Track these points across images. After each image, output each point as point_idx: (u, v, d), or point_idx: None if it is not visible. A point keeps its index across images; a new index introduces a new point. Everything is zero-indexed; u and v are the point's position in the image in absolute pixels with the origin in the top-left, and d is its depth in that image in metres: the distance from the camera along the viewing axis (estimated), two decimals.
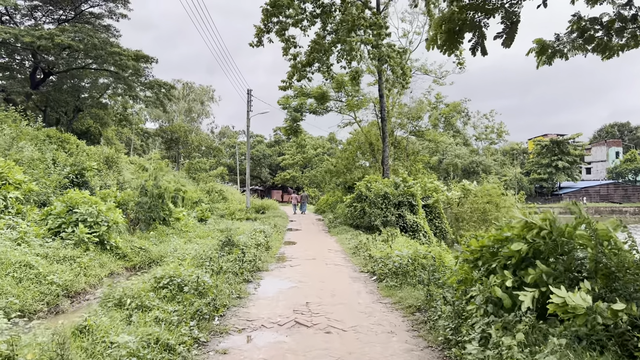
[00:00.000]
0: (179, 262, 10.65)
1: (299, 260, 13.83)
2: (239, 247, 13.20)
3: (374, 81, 37.81)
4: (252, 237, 16.07)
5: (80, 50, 41.36)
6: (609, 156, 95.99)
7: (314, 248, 16.82)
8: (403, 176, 22.44)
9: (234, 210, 29.35)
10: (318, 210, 42.90)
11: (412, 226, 21.12)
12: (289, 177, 69.74)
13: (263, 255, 13.78)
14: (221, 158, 78.43)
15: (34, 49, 38.70)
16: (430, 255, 10.95)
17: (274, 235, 19.30)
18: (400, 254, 11.21)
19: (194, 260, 11.13)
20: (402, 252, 11.37)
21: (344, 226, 23.67)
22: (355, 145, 35.08)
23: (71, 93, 48.63)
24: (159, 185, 15.93)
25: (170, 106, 78.90)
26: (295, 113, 39.37)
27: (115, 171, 25.82)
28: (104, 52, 40.97)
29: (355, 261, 13.61)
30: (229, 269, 10.43)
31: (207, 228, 19.66)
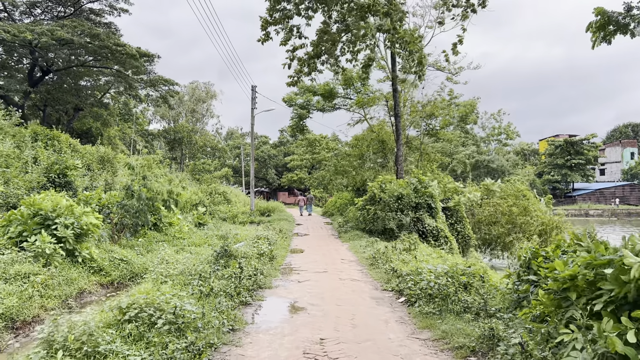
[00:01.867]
0: (161, 281, 8.64)
1: (308, 274, 11.78)
2: (237, 258, 11.17)
3: (384, 77, 35.81)
4: (254, 245, 14.05)
5: (80, 45, 39.71)
6: (624, 157, 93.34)
7: (325, 257, 14.77)
8: (420, 176, 20.35)
9: (237, 213, 27.37)
10: (326, 213, 40.83)
11: (432, 231, 19.03)
12: (296, 178, 67.74)
13: (266, 268, 11.75)
14: (226, 159, 76.62)
15: (32, 46, 37.10)
16: (470, 271, 8.88)
17: (279, 241, 17.26)
18: (434, 269, 9.14)
19: (180, 277, 9.11)
20: (435, 266, 9.30)
21: (356, 231, 21.59)
22: (364, 144, 32.94)
23: (71, 92, 47.10)
24: (149, 187, 13.95)
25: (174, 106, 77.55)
26: (301, 110, 37.39)
27: (110, 172, 23.93)
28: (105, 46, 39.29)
29: (375, 275, 11.54)
30: (223, 289, 8.40)
31: (204, 234, 17.67)
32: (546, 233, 22.29)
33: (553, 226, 22.40)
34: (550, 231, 22.34)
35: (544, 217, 22.68)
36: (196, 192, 30.91)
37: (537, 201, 23.13)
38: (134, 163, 14.36)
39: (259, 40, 21.60)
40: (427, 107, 31.65)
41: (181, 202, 15.71)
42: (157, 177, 16.70)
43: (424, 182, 19.69)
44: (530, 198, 23.83)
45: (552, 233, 22.38)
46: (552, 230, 22.36)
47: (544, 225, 22.20)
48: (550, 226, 22.30)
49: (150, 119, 77.44)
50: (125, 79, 47.78)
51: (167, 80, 52.02)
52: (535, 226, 21.67)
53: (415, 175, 20.69)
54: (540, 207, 22.58)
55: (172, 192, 14.63)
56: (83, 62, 46.82)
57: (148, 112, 76.49)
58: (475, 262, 10.32)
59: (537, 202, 23.07)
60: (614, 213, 69.44)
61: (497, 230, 21.16)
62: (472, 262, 9.41)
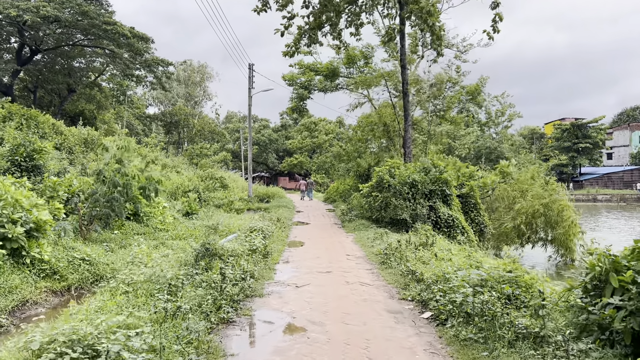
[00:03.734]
0: (121, 291, 6.76)
1: (308, 275, 9.87)
2: (223, 258, 9.26)
3: (388, 56, 33.62)
4: (247, 239, 12.14)
5: (69, 23, 37.63)
6: (632, 140, 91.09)
7: (328, 252, 12.85)
8: (434, 160, 18.37)
9: (233, 200, 25.44)
10: (327, 199, 38.90)
11: (447, 221, 17.11)
12: (296, 162, 65.66)
13: (258, 268, 9.84)
14: (225, 143, 74.52)
15: (20, 24, 35.06)
16: (513, 278, 6.97)
17: (275, 233, 15.34)
18: (466, 276, 7.21)
19: (145, 286, 7.22)
20: (467, 272, 7.37)
21: (361, 220, 19.68)
22: (368, 127, 30.83)
23: (63, 72, 45.13)
24: (125, 172, 11.99)
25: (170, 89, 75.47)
26: (302, 90, 35.21)
27: (95, 155, 22.01)
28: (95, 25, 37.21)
29: (388, 277, 9.62)
30: (198, 304, 6.51)
31: (192, 224, 15.74)
32: (561, 222, 20.15)
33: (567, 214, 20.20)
34: (564, 221, 20.11)
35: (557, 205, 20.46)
36: (190, 177, 29.00)
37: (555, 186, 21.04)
38: (109, 144, 12.35)
39: (255, 10, 19.48)
40: (435, 86, 29.49)
41: (163, 190, 13.78)
42: (132, 158, 14.74)
43: (439, 167, 17.70)
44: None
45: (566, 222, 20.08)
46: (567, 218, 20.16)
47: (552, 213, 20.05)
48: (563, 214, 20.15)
49: (149, 103, 75.44)
50: (121, 59, 45.80)
51: (163, 61, 50.01)
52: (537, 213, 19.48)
53: (430, 159, 18.70)
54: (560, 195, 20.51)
55: (151, 178, 12.66)
56: (74, 41, 44.76)
57: (146, 96, 74.52)
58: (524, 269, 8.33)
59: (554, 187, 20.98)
60: (622, 198, 67.50)
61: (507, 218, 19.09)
62: (514, 266, 7.50)
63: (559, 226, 18.95)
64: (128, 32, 42.42)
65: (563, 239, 18.92)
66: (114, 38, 42.04)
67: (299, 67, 35.01)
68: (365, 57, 34.17)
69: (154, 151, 38.71)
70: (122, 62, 44.70)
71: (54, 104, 47.98)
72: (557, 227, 19.03)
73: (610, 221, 40.40)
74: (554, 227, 18.89)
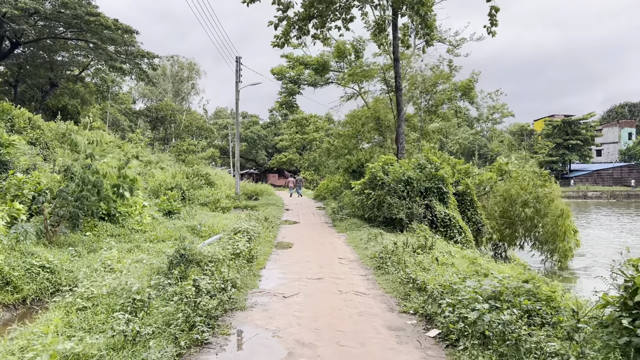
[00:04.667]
0: (78, 306, 5.76)
1: (296, 283, 8.91)
2: (202, 265, 8.28)
3: (380, 50, 32.68)
4: (230, 242, 11.14)
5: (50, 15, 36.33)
6: (622, 137, 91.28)
7: (318, 255, 11.90)
8: (430, 156, 17.49)
9: (219, 197, 24.36)
10: (317, 197, 37.96)
11: (444, 220, 16.24)
12: (285, 159, 64.57)
13: (241, 275, 8.86)
14: (214, 140, 73.21)
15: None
16: (530, 290, 6.08)
17: (262, 234, 14.35)
18: (477, 287, 6.30)
19: (108, 300, 6.22)
20: (480, 283, 6.46)
21: (353, 219, 18.77)
22: (360, 121, 29.86)
23: (45, 66, 43.74)
24: (97, 169, 10.91)
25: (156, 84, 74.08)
26: (291, 85, 34.17)
27: (75, 151, 20.83)
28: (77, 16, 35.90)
29: (386, 285, 8.69)
30: (165, 324, 5.53)
31: (172, 225, 14.68)
32: (554, 219, 19.39)
33: (560, 210, 19.48)
34: (557, 218, 19.36)
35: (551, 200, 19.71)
36: (175, 174, 27.88)
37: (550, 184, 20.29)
38: (80, 139, 11.28)
39: (244, 2, 18.41)
40: (428, 81, 28.58)
41: (137, 188, 12.72)
42: (118, 156, 13.72)
43: (435, 163, 16.82)
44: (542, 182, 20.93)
45: (559, 219, 19.35)
46: (560, 214, 19.43)
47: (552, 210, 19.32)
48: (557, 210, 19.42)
49: (135, 98, 73.93)
50: (104, 52, 44.47)
51: (148, 54, 48.73)
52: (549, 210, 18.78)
53: (425, 154, 17.81)
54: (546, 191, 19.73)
55: (125, 176, 11.60)
56: (56, 34, 43.38)
57: (132, 91, 73.06)
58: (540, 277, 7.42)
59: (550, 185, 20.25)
60: (612, 195, 67.41)
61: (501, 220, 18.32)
62: (530, 275, 6.62)
63: (548, 216, 18.33)
64: (112, 23, 41.14)
65: (554, 233, 18.29)
66: (97, 30, 40.74)
67: (289, 60, 33.99)
68: (357, 50, 33.25)
69: (139, 147, 37.53)
70: (105, 54, 43.35)
71: (36, 98, 46.56)
72: (546, 217, 18.34)
73: (601, 218, 39.93)
74: (543, 217, 18.20)
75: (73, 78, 47.35)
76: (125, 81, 57.96)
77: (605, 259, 20.33)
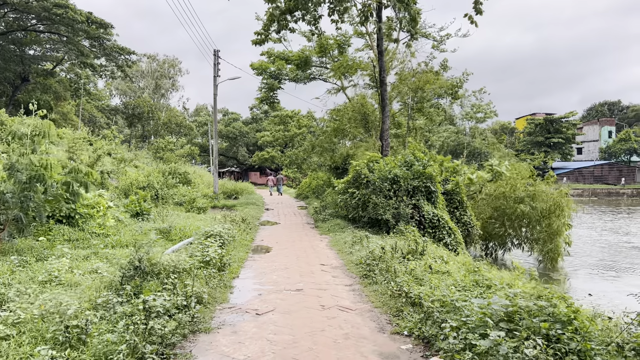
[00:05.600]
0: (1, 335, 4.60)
1: (273, 296, 7.83)
2: (162, 276, 7.15)
3: (363, 45, 31.72)
4: (200, 248, 9.99)
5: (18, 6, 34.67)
6: (602, 136, 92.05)
7: (299, 262, 10.83)
8: (416, 152, 16.54)
9: (195, 197, 23.08)
10: (300, 195, 36.86)
11: (432, 221, 15.30)
12: (267, 156, 63.24)
13: (210, 287, 7.76)
14: (193, 137, 71.50)
15: None
16: (548, 309, 5.12)
17: (238, 237, 13.22)
18: (483, 305, 5.31)
19: (37, 327, 5.07)
20: (489, 301, 5.47)
21: (337, 220, 17.75)
22: (345, 117, 28.83)
23: (14, 60, 41.88)
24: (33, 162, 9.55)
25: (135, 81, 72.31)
26: (272, 80, 32.99)
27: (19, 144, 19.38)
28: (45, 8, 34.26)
29: (374, 297, 7.67)
30: (105, 358, 4.41)
31: (139, 227, 13.45)
32: (548, 217, 18.71)
33: (556, 207, 18.83)
34: (551, 214, 18.72)
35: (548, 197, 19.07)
36: (150, 172, 26.52)
37: (540, 184, 19.65)
38: (24, 130, 10.00)
39: None
40: (417, 77, 27.62)
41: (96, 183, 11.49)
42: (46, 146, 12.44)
43: (423, 161, 15.87)
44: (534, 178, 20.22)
45: (553, 216, 18.72)
46: (555, 212, 18.77)
47: (548, 207, 18.64)
48: (553, 207, 18.74)
49: (112, 95, 71.86)
50: (76, 46, 42.76)
51: (123, 49, 47.09)
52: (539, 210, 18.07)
53: (412, 151, 16.86)
54: (542, 188, 19.07)
55: (78, 171, 10.34)
56: (27, 26, 41.59)
57: (109, 87, 71.05)
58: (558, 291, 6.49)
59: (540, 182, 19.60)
60: (594, 193, 67.73)
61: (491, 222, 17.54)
62: (551, 291, 5.65)
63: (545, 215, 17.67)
64: (84, 16, 39.47)
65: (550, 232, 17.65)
66: (69, 23, 39.07)
67: (269, 55, 32.82)
68: (340, 45, 32.26)
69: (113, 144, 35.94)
70: (76, 49, 41.59)
71: (7, 93, 44.66)
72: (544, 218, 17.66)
73: (583, 216, 39.62)
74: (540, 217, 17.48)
75: (44, 73, 45.49)
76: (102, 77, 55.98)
77: (590, 257, 19.73)
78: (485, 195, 19.17)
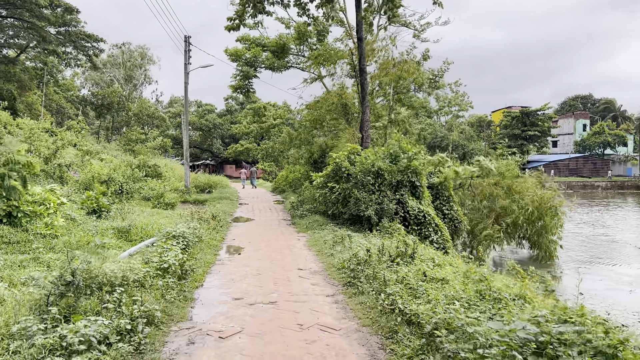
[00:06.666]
0: None
1: (241, 311, 6.59)
2: (102, 292, 5.84)
3: (342, 34, 30.44)
4: (159, 251, 8.67)
5: None
6: (576, 129, 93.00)
7: (273, 266, 9.59)
8: (403, 144, 15.44)
9: (164, 191, 21.56)
10: (276, 189, 35.54)
11: (418, 217, 14.24)
12: (242, 148, 61.52)
13: (165, 302, 6.50)
14: (166, 129, 69.22)
15: None
16: (580, 331, 4.02)
17: (205, 237, 11.91)
18: (503, 330, 4.19)
19: None
20: (510, 326, 4.35)
21: (315, 216, 16.55)
22: (323, 108, 27.53)
23: None
24: None
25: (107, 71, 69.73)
26: (247, 67, 31.44)
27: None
28: None
29: (360, 311, 6.49)
30: None
31: (95, 227, 12.00)
32: (540, 218, 17.98)
33: (547, 207, 18.12)
34: (544, 215, 18.00)
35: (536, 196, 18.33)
36: (117, 165, 24.90)
37: (526, 178, 18.90)
38: None
39: None
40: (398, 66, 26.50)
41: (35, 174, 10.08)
42: None
43: (410, 153, 14.77)
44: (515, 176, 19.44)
45: (546, 217, 18.01)
46: (545, 212, 18.05)
47: (536, 206, 17.89)
48: (543, 207, 18.02)
49: (82, 85, 69.03)
50: (39, 32, 40.42)
51: (90, 36, 44.85)
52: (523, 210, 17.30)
53: (396, 140, 15.75)
54: (529, 185, 18.30)
55: (14, 162, 8.92)
56: None
57: (78, 77, 68.26)
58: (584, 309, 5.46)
59: (526, 178, 18.84)
60: (569, 186, 68.21)
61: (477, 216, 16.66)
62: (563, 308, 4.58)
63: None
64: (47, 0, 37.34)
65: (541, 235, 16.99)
66: (31, 8, 36.88)
67: (245, 40, 31.28)
68: (319, 33, 30.91)
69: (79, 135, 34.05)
70: (39, 35, 39.27)
71: None
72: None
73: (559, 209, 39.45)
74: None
75: (5, 60, 42.97)
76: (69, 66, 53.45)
77: (574, 252, 19.14)
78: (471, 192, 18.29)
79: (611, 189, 68.61)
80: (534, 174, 19.33)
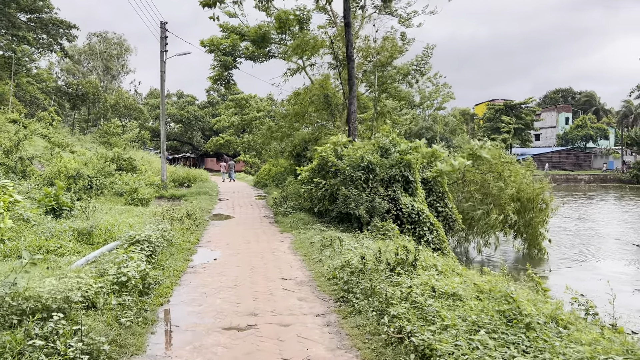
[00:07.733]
0: None
1: (212, 338, 5.37)
2: (34, 320, 4.57)
3: (326, 22, 29.11)
4: (118, 259, 7.36)
5: None
6: (559, 122, 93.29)
7: (253, 275, 8.37)
8: (394, 137, 14.30)
9: (138, 187, 20.11)
10: (258, 184, 34.22)
11: (411, 215, 13.15)
12: (223, 141, 59.82)
13: (119, 327, 5.26)
14: (145, 121, 67.08)
15: None
16: None
17: (177, 240, 10.63)
18: None
19: None
20: None
21: (300, 213, 15.35)
22: (306, 99, 26.21)
23: None
24: None
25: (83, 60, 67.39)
26: (225, 57, 29.87)
27: None
28: None
29: (358, 337, 5.32)
30: None
31: (52, 228, 10.61)
32: (530, 209, 17.21)
33: (534, 196, 17.39)
34: (533, 205, 17.28)
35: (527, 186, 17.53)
36: (89, 158, 23.36)
37: (516, 165, 18.05)
38: None
39: None
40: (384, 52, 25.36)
41: None
42: None
43: (401, 146, 13.64)
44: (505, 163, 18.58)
45: (534, 207, 17.36)
46: (534, 201, 17.35)
47: (523, 196, 17.14)
48: (531, 196, 17.28)
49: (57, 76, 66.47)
50: (6, 17, 38.40)
51: (63, 22, 42.88)
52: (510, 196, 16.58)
53: (387, 132, 14.61)
54: (519, 171, 17.44)
55: None
56: None
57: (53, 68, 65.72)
58: None
59: (516, 166, 18.00)
60: (553, 179, 68.28)
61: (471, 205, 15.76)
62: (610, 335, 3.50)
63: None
64: None
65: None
66: None
67: (222, 29, 29.70)
68: (300, 21, 29.50)
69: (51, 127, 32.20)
70: (7, 20, 37.22)
71: None
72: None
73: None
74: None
75: None
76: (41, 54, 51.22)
77: (561, 247, 18.45)
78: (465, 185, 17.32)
79: (594, 182, 68.81)
80: (525, 163, 18.51)
